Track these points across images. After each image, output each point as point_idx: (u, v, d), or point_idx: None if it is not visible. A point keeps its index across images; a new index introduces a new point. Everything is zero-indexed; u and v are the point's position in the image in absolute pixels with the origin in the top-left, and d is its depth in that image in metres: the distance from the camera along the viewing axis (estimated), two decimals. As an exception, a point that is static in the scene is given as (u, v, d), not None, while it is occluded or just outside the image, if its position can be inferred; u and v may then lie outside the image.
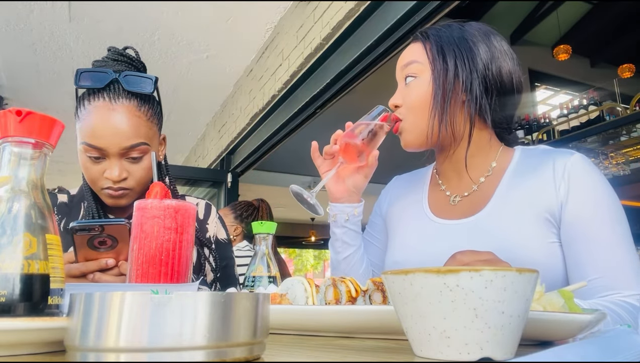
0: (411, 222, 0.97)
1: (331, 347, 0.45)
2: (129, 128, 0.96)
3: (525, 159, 0.89)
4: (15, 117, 0.44)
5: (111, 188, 0.97)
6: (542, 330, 0.43)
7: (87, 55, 3.53)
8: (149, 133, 1.01)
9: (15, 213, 0.43)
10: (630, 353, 0.36)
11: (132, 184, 0.99)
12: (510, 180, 0.87)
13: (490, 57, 0.87)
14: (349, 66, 2.37)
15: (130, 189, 0.99)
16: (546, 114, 3.96)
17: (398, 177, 1.15)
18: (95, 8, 3.04)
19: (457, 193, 0.94)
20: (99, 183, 0.98)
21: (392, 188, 1.12)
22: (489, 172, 0.91)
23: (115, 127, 0.95)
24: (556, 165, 0.82)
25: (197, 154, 5.28)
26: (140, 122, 0.98)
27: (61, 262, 0.46)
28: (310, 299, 0.62)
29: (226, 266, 1.14)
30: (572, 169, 0.80)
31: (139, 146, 0.97)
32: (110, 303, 0.30)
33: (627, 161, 3.47)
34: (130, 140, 0.96)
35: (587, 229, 0.77)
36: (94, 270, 0.78)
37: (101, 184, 0.98)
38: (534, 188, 0.83)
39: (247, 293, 0.38)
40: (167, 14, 3.11)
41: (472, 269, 0.33)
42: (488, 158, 0.92)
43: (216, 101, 4.36)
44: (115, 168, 0.96)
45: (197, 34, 3.33)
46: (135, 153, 0.97)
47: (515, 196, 0.83)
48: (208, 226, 1.17)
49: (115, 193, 0.98)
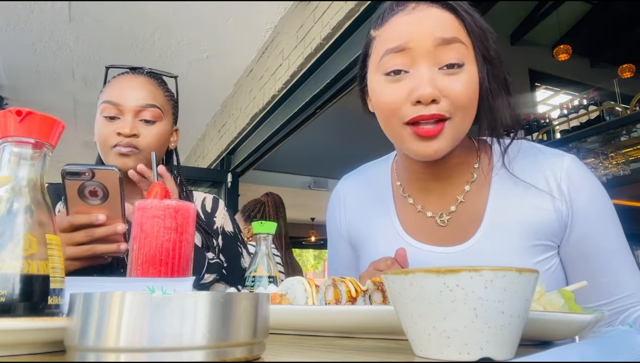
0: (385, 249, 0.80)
1: (331, 347, 0.45)
2: (146, 92, 1.05)
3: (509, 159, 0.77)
4: (15, 117, 0.44)
5: (120, 144, 1.01)
6: (542, 330, 0.43)
7: (87, 55, 3.53)
8: (164, 105, 1.09)
9: (15, 213, 0.43)
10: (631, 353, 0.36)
11: (142, 144, 1.03)
12: (499, 191, 0.76)
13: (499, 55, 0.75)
14: (349, 66, 2.37)
15: (138, 149, 1.02)
16: (546, 114, 3.95)
17: (345, 181, 0.97)
18: (95, 8, 3.04)
19: (439, 210, 0.79)
20: (110, 140, 1.02)
21: (344, 197, 0.94)
22: (473, 177, 0.79)
23: (134, 88, 1.05)
24: (548, 174, 0.74)
25: (197, 154, 5.28)
26: (157, 92, 1.08)
27: (61, 262, 0.46)
28: (310, 299, 0.62)
29: (234, 258, 1.15)
30: (570, 180, 0.73)
31: (153, 108, 1.04)
32: (110, 303, 0.30)
33: (627, 161, 3.47)
34: (145, 100, 1.04)
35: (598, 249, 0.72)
36: (84, 223, 0.78)
37: (111, 142, 1.02)
38: (528, 204, 0.73)
39: (247, 293, 0.38)
40: (167, 14, 3.11)
41: (472, 269, 0.33)
42: (471, 159, 0.80)
43: (216, 101, 4.36)
44: (127, 124, 1.01)
45: (197, 34, 3.33)
46: (148, 114, 1.04)
47: (509, 216, 0.74)
48: (215, 219, 1.18)
49: (123, 149, 1.01)
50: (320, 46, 2.50)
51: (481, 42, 0.71)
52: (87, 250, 0.79)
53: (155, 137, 1.05)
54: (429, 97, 0.66)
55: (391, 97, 0.70)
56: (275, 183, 6.95)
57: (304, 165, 6.70)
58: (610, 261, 0.72)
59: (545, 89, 5.56)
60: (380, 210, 0.87)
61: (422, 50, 0.68)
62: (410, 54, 0.69)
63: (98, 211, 0.79)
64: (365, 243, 0.88)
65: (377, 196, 0.89)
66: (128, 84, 1.05)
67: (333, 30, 2.37)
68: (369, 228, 0.88)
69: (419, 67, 0.69)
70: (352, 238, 0.92)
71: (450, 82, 0.68)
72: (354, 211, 0.92)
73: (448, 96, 0.67)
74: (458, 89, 0.67)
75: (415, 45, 0.69)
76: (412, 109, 0.68)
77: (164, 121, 1.07)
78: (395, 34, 0.71)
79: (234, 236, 1.19)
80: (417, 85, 0.67)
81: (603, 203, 0.74)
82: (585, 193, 0.73)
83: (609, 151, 3.42)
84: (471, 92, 0.69)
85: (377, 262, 0.75)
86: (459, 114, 0.69)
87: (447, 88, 0.67)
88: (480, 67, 0.70)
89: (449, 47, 0.68)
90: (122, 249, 0.82)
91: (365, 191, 0.91)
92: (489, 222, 0.74)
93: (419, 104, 0.68)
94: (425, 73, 0.68)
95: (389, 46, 0.71)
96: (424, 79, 0.67)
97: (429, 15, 0.69)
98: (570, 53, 4.99)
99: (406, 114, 0.69)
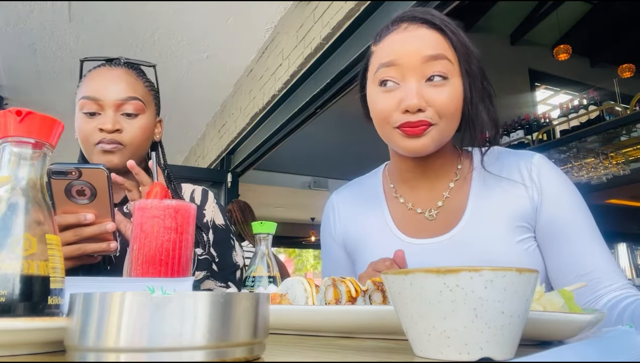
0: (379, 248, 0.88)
1: (331, 347, 0.45)
2: (125, 84, 1.01)
3: (488, 160, 0.85)
4: (15, 117, 0.44)
5: (104, 141, 0.97)
6: (542, 330, 0.43)
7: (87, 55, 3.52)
8: (145, 96, 1.05)
9: (15, 213, 0.43)
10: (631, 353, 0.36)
11: (125, 139, 0.99)
12: (480, 186, 0.85)
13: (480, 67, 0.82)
14: (349, 66, 2.37)
15: (123, 145, 0.99)
16: (546, 114, 3.95)
17: (338, 192, 1.05)
18: (95, 8, 3.04)
19: (427, 206, 0.88)
20: (92, 137, 0.98)
21: (337, 205, 1.02)
22: (457, 176, 0.88)
23: (112, 82, 1.00)
24: (521, 168, 0.83)
25: (197, 154, 5.28)
26: (137, 84, 1.04)
27: (61, 262, 0.46)
28: (310, 299, 0.62)
29: (225, 252, 1.12)
30: (539, 171, 0.82)
31: (134, 100, 1.00)
32: (110, 303, 0.30)
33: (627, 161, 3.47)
34: (126, 92, 0.99)
35: (568, 228, 0.79)
36: (72, 223, 0.77)
37: (94, 139, 0.98)
38: (505, 193, 0.82)
39: (247, 293, 0.38)
40: (167, 13, 3.11)
41: (472, 269, 0.33)
42: (454, 161, 0.89)
43: (216, 101, 4.36)
44: (109, 119, 0.97)
45: (197, 33, 3.33)
46: (129, 107, 1.00)
47: (489, 205, 0.82)
48: (205, 211, 1.15)
49: (107, 146, 0.97)
50: (320, 46, 2.50)
51: (465, 58, 0.80)
52: (77, 249, 0.78)
53: (139, 130, 1.01)
54: (415, 107, 0.75)
55: (384, 106, 0.79)
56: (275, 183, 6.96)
57: (304, 165, 6.70)
58: (578, 242, 0.79)
59: (545, 89, 5.57)
60: (373, 211, 0.94)
61: (410, 65, 0.77)
62: (400, 69, 0.78)
63: (86, 210, 0.77)
64: (360, 244, 0.94)
65: (370, 199, 0.97)
66: (106, 77, 1.00)
67: (333, 30, 2.37)
68: (362, 229, 0.94)
69: (408, 80, 0.78)
70: (346, 243, 0.98)
71: (436, 94, 0.76)
72: (347, 216, 0.99)
73: (433, 105, 0.76)
74: (443, 99, 0.76)
75: (405, 61, 0.78)
76: (401, 116, 0.77)
77: (146, 113, 1.03)
78: (388, 51, 0.80)
79: (225, 229, 1.16)
80: (405, 96, 0.76)
81: (569, 189, 0.82)
82: (552, 180, 0.82)
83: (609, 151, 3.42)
84: (455, 102, 0.78)
85: (375, 263, 0.78)
86: (443, 121, 0.77)
87: (432, 99, 0.76)
88: (464, 81, 0.79)
89: (435, 62, 0.77)
90: (112, 247, 0.80)
91: (358, 196, 1.00)
92: (471, 211, 0.84)
93: (407, 112, 0.76)
94: (413, 86, 0.77)
95: (382, 61, 0.80)
96: (411, 91, 0.76)
97: (418, 35, 0.79)
98: (570, 53, 5.00)
99: (396, 120, 0.78)
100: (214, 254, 1.09)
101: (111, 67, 1.03)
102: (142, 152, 1.05)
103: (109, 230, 0.79)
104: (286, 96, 3.03)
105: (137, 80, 1.04)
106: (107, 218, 0.79)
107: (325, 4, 2.47)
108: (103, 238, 0.80)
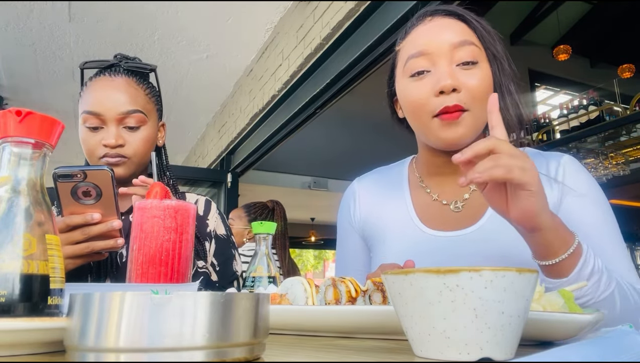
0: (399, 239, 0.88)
1: (331, 347, 0.45)
2: (126, 96, 1.01)
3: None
4: (15, 117, 0.44)
5: (108, 155, 0.99)
6: (542, 330, 0.43)
7: (87, 55, 3.53)
8: (147, 106, 1.05)
9: (15, 213, 0.43)
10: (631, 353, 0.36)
11: (129, 152, 1.01)
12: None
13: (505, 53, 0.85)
14: (349, 66, 2.37)
15: (127, 158, 1.01)
16: (546, 114, 3.96)
17: (361, 179, 1.04)
18: (95, 8, 3.04)
19: (454, 198, 0.87)
20: (97, 152, 1.00)
21: (359, 192, 1.01)
22: None
23: (113, 94, 1.00)
24: (550, 166, 0.83)
25: (197, 154, 5.28)
26: (138, 94, 1.03)
27: (61, 262, 0.46)
28: (310, 299, 0.62)
29: (226, 261, 1.14)
30: (565, 171, 0.82)
31: (135, 113, 1.01)
32: (110, 304, 0.30)
33: (627, 161, 3.47)
34: (127, 106, 1.00)
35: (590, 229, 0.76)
36: (80, 223, 0.79)
37: (98, 154, 1.00)
38: None
39: (247, 293, 0.38)
40: (167, 13, 3.11)
41: (472, 269, 0.33)
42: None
43: (216, 101, 4.36)
44: (112, 134, 0.99)
45: (197, 34, 3.33)
46: (132, 120, 1.01)
47: None
48: (208, 221, 1.17)
49: (112, 159, 0.99)
50: (320, 46, 2.50)
51: (490, 43, 0.82)
52: (86, 247, 0.80)
53: (142, 142, 1.03)
54: (450, 87, 0.76)
55: (417, 94, 0.80)
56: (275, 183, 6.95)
57: (304, 165, 6.70)
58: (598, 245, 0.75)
59: (545, 89, 5.57)
60: (395, 201, 0.94)
61: (440, 52, 0.79)
62: (430, 57, 0.80)
63: (92, 210, 0.80)
64: (379, 233, 0.94)
65: (394, 188, 0.96)
66: (107, 90, 1.01)
67: (333, 30, 2.37)
68: (383, 219, 0.94)
69: (439, 65, 0.79)
70: (365, 231, 0.97)
71: (467, 77, 0.78)
72: (368, 204, 0.98)
73: (466, 88, 0.77)
74: (474, 82, 0.78)
75: (434, 49, 0.80)
76: (437, 100, 0.78)
77: (148, 124, 1.04)
78: (416, 43, 0.82)
79: (226, 238, 1.19)
80: (439, 78, 0.78)
81: (594, 191, 0.80)
82: (578, 181, 0.81)
83: (609, 151, 3.42)
84: (486, 85, 0.79)
85: (385, 267, 0.78)
86: (476, 106, 0.78)
87: (464, 82, 0.78)
88: (492, 65, 0.81)
89: (463, 48, 0.79)
90: (119, 244, 0.83)
91: (381, 184, 0.99)
92: None
93: (442, 94, 0.77)
94: (446, 68, 0.78)
95: (411, 52, 0.82)
96: (444, 73, 0.78)
97: (444, 24, 0.82)
98: (570, 53, 5.00)
99: (433, 107, 0.78)
100: (214, 263, 1.10)
101: (111, 76, 1.03)
102: (146, 160, 1.07)
103: (115, 227, 0.81)
104: (286, 96, 3.03)
105: (137, 89, 1.04)
106: (113, 216, 0.82)
107: (325, 4, 2.47)
108: (110, 235, 0.82)
